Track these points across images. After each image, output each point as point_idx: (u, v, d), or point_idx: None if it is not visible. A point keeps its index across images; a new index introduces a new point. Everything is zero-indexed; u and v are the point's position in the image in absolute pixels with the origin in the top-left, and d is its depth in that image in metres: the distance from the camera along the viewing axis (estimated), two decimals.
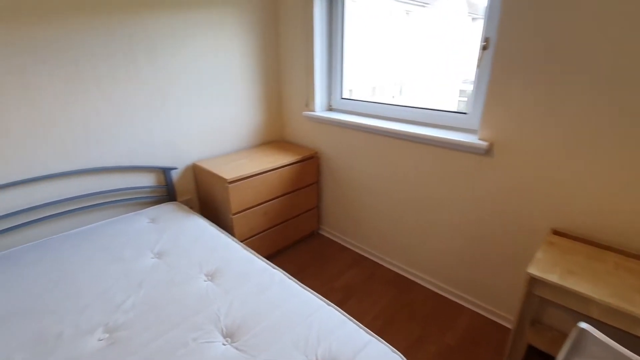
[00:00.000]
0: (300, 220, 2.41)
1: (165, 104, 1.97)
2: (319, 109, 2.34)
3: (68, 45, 1.58)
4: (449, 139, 1.64)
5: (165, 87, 1.94)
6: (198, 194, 2.28)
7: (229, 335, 1.09)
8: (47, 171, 1.65)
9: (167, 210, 1.94)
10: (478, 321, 1.79)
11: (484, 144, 1.53)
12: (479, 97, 1.60)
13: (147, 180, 2.02)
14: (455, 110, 1.79)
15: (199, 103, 2.12)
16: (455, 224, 1.80)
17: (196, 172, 2.20)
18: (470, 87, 1.68)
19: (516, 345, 1.41)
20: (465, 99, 2.02)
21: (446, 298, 1.95)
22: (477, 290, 1.83)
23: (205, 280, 1.36)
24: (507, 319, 1.75)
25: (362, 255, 2.34)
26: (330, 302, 1.22)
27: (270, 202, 2.15)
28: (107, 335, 1.10)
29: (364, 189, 2.18)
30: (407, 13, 2.90)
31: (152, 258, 1.52)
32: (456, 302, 1.92)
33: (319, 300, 1.23)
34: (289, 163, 2.18)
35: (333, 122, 2.20)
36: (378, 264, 2.25)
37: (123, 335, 1.10)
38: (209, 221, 1.84)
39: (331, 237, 2.57)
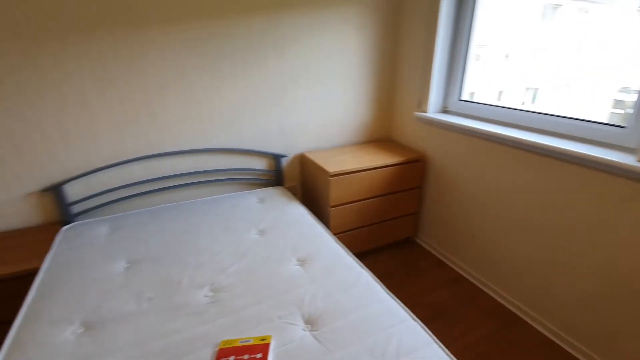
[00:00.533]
0: (396, 224, 2.33)
1: (285, 96, 2.14)
2: (433, 110, 2.19)
3: (216, 43, 1.85)
4: (599, 158, 1.33)
5: (287, 81, 2.10)
6: (302, 182, 2.41)
7: (310, 323, 1.12)
8: (190, 147, 1.98)
9: (273, 194, 2.12)
10: None
11: None
12: None
13: (260, 164, 2.23)
14: (608, 122, 1.45)
15: (314, 97, 2.23)
16: (590, 264, 1.47)
17: (303, 162, 2.33)
18: (630, 97, 1.33)
19: None
20: (622, 111, 1.61)
21: (562, 348, 1.62)
22: (607, 349, 1.46)
23: (295, 265, 1.43)
24: None
25: (461, 275, 2.13)
26: (416, 317, 1.14)
27: (369, 200, 2.14)
28: (211, 293, 1.27)
29: (476, 203, 1.96)
30: (554, 8, 2.45)
31: (256, 234, 1.68)
32: (575, 357, 1.58)
33: (404, 311, 1.16)
34: (392, 164, 2.12)
35: (447, 126, 2.03)
36: (479, 288, 2.01)
37: (223, 296, 1.25)
38: (307, 209, 1.93)
39: (427, 248, 2.41)
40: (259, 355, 0.98)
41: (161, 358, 1.00)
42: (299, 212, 1.89)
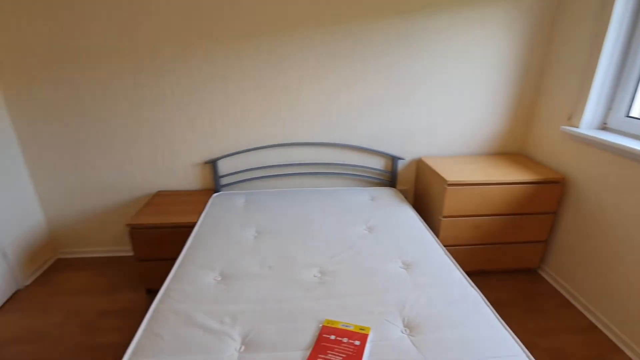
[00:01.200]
0: (518, 250, 2.09)
1: (411, 98, 2.14)
2: (587, 126, 1.86)
3: (352, 43, 1.97)
4: None
5: (415, 83, 2.10)
6: (415, 187, 2.38)
7: (409, 327, 1.14)
8: (316, 139, 2.19)
9: (386, 194, 2.16)
10: None
11: None
12: None
13: (376, 163, 2.30)
14: None
15: (441, 101, 2.16)
16: None
17: (419, 166, 2.29)
18: None
19: None
20: None
21: None
22: None
23: (400, 266, 1.45)
24: None
25: (593, 324, 1.79)
26: (533, 358, 1.03)
27: (487, 217, 1.97)
28: (319, 275, 1.41)
29: (629, 243, 1.61)
30: None
31: (364, 229, 1.76)
32: None
33: (519, 347, 1.06)
34: (523, 181, 1.90)
35: (607, 146, 1.70)
36: (617, 346, 1.66)
37: (329, 280, 1.37)
38: (418, 214, 1.91)
39: (554, 285, 2.08)
40: (357, 343, 1.05)
41: (275, 318, 1.17)
42: (409, 216, 1.89)
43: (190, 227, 1.80)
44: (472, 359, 1.01)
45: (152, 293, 2.00)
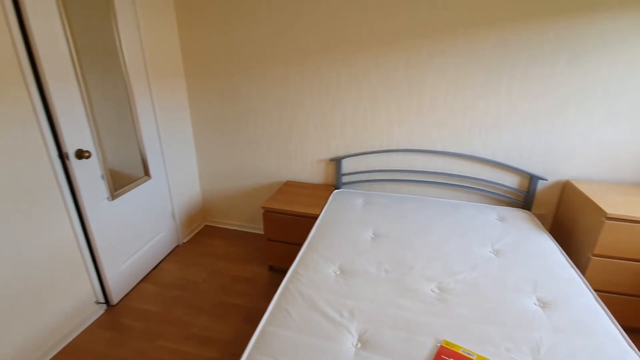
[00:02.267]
0: None
1: (564, 111, 1.85)
2: None
3: (499, 51, 1.81)
4: None
5: (572, 95, 1.81)
6: (556, 212, 2.06)
7: None
8: (443, 148, 2.10)
9: (517, 216, 1.94)
10: None
11: None
12: None
13: (510, 181, 2.07)
14: None
15: (603, 116, 1.81)
16: None
17: (565, 190, 1.98)
18: None
19: None
20: None
21: None
22: None
23: (535, 304, 1.29)
24: None
25: None
26: None
27: None
28: (437, 291, 1.36)
29: None
30: None
31: (490, 252, 1.62)
32: None
33: None
34: None
35: None
36: None
37: (448, 298, 1.31)
38: (558, 246, 1.66)
39: None
40: None
41: (391, 323, 1.19)
42: (547, 246, 1.66)
43: (313, 218, 1.96)
44: None
45: (273, 270, 2.27)
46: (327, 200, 2.14)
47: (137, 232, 2.08)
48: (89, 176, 1.69)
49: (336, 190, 2.27)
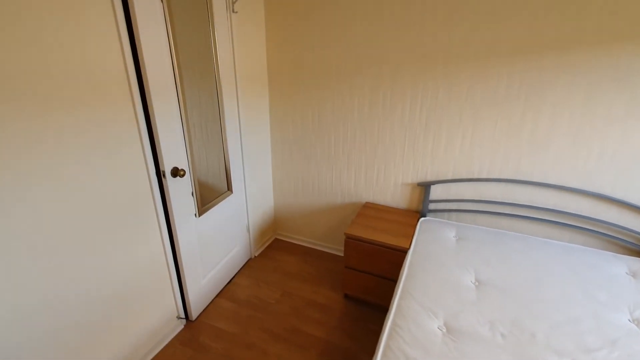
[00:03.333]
0: None
1: None
2: None
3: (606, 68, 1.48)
4: None
5: None
6: None
7: None
8: (557, 181, 1.80)
9: None
10: None
11: None
12: None
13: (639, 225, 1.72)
14: None
15: None
16: None
17: None
18: None
19: None
20: None
21: None
22: None
23: None
24: None
25: None
26: None
27: None
28: None
29: None
30: None
31: (629, 320, 1.33)
32: None
33: None
34: None
35: None
36: None
37: None
38: None
39: None
40: None
41: None
42: None
43: (400, 250, 1.79)
44: None
45: (349, 298, 2.14)
46: (413, 230, 1.95)
47: (217, 247, 2.07)
48: (181, 193, 1.69)
49: (423, 219, 2.06)
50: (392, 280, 1.89)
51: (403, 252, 1.79)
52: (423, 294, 1.45)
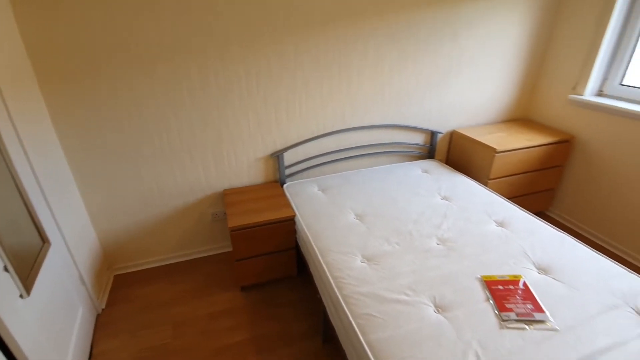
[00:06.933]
0: (534, 198, 2.57)
1: (447, 78, 2.38)
2: (589, 94, 2.33)
3: (407, 30, 2.12)
4: None
5: (451, 64, 2.34)
6: (448, 155, 2.70)
7: (542, 269, 1.46)
8: (370, 123, 2.33)
9: (433, 165, 2.44)
10: None
11: None
12: None
13: (418, 139, 2.55)
14: None
15: (469, 78, 2.45)
16: None
17: (453, 138, 2.60)
18: None
19: None
20: None
21: None
22: None
23: (496, 226, 1.76)
24: None
25: (598, 244, 2.36)
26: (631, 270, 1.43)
27: (516, 175, 2.39)
28: (441, 243, 1.64)
29: (628, 180, 2.14)
30: None
31: (442, 199, 2.02)
32: None
33: (621, 268, 1.45)
34: (544, 143, 2.33)
35: (609, 109, 2.17)
36: (624, 260, 2.24)
37: (452, 246, 1.61)
38: (475, 180, 2.23)
39: (562, 221, 2.64)
40: (522, 286, 1.34)
41: (439, 283, 1.38)
42: (468, 183, 2.20)
43: (288, 220, 1.87)
44: (605, 290, 1.37)
45: (246, 290, 2.05)
46: (285, 198, 2.05)
47: (60, 318, 1.44)
48: None
49: (285, 185, 2.19)
50: (283, 250, 1.97)
51: (291, 221, 1.88)
52: (334, 244, 1.64)
